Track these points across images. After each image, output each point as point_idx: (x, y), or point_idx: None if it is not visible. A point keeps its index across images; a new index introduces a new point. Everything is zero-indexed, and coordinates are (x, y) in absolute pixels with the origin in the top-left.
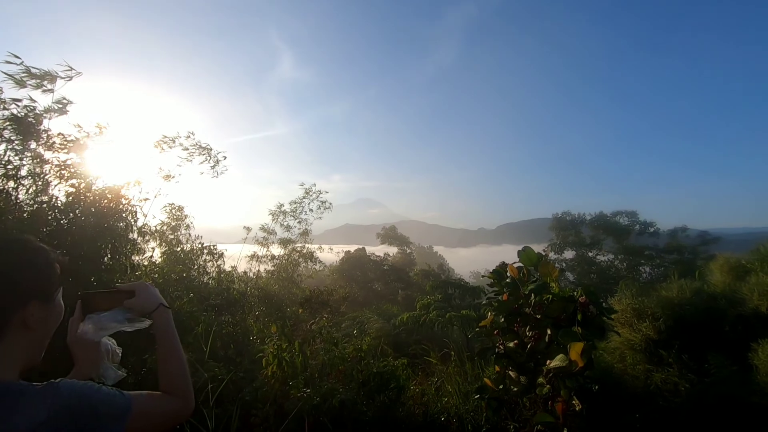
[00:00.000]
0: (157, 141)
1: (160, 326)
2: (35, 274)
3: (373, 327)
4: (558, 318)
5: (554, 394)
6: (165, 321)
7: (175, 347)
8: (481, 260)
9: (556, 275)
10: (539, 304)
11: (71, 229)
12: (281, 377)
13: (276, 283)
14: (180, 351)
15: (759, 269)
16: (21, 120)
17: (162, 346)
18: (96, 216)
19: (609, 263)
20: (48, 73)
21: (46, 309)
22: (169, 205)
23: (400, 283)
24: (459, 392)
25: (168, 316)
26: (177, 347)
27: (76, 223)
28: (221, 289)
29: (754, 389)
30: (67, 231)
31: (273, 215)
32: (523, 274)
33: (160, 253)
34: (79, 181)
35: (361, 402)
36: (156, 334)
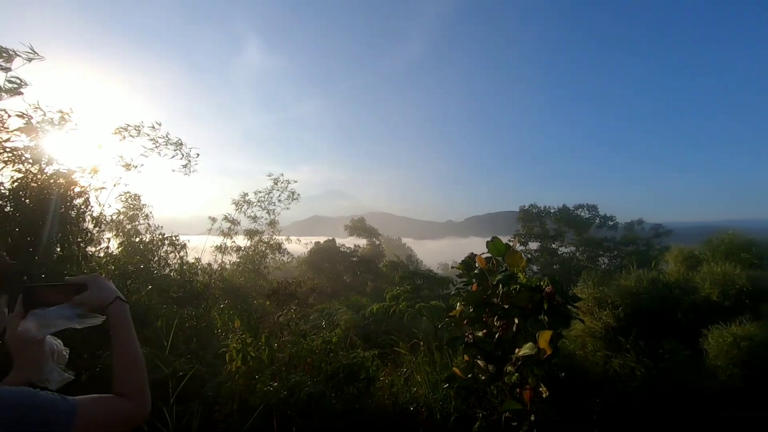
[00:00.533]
0: (117, 128)
1: (115, 322)
2: None
3: (342, 318)
4: (525, 307)
5: (522, 382)
6: (121, 316)
7: (131, 345)
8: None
9: (523, 265)
10: (507, 294)
11: (16, 217)
12: (246, 372)
13: (242, 275)
14: (137, 349)
15: (710, 259)
16: None
17: (117, 344)
18: (45, 203)
19: (570, 254)
20: (4, 49)
21: None
22: (125, 193)
23: (369, 274)
24: (428, 382)
25: (125, 310)
26: (134, 345)
27: (22, 210)
28: (183, 281)
29: (704, 373)
30: (12, 218)
31: (237, 205)
32: (492, 265)
33: (117, 243)
34: (28, 165)
35: (329, 394)
36: (111, 331)
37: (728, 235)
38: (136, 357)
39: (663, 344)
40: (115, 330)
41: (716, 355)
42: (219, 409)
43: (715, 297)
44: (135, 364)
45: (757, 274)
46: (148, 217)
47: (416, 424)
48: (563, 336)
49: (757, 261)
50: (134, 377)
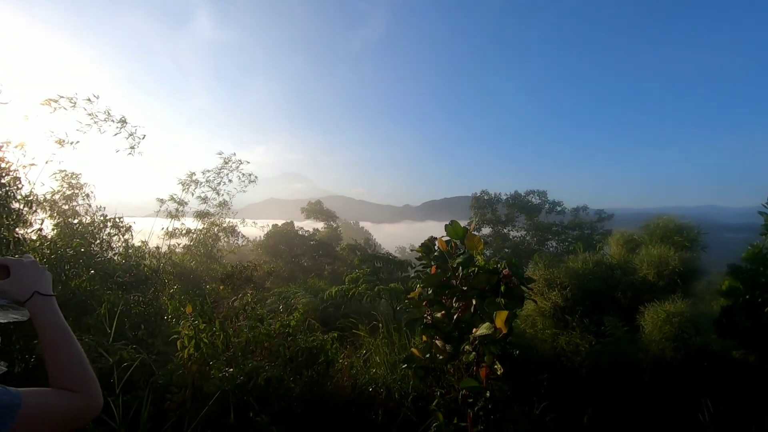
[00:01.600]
0: (47, 99)
1: (39, 318)
2: None
3: (300, 302)
4: (483, 289)
5: (479, 360)
6: (46, 312)
7: (66, 341)
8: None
9: (481, 248)
10: (466, 276)
11: None
12: (199, 359)
13: (193, 259)
14: (73, 344)
15: (647, 243)
16: None
17: (49, 342)
18: None
19: (521, 239)
20: None
21: None
22: (61, 171)
23: (327, 257)
24: (387, 363)
25: (48, 306)
26: (69, 340)
27: None
28: (129, 265)
29: (640, 347)
30: None
31: (183, 185)
32: (451, 248)
33: (53, 225)
34: None
35: (288, 378)
36: (37, 328)
37: (663, 220)
38: (75, 352)
39: (605, 321)
40: (41, 328)
41: (651, 330)
42: (171, 398)
43: (651, 277)
44: (75, 360)
45: (688, 256)
46: (89, 197)
47: (375, 405)
48: (517, 316)
49: (688, 244)
50: (78, 372)
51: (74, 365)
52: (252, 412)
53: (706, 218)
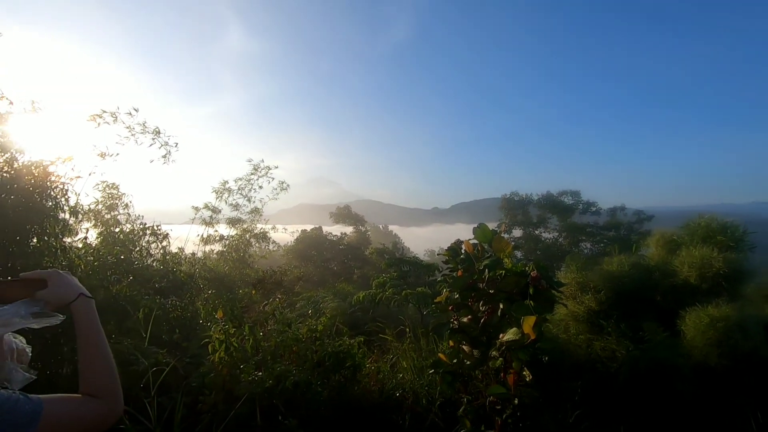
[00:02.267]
0: (93, 115)
1: (80, 320)
2: None
3: (329, 306)
4: (511, 292)
5: (506, 366)
6: (87, 314)
7: (99, 343)
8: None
9: (509, 251)
10: (493, 280)
11: None
12: (230, 362)
13: (226, 265)
14: (105, 347)
15: (689, 243)
16: None
17: (84, 343)
18: (19, 194)
19: (553, 240)
20: None
21: None
22: (103, 182)
23: (356, 261)
24: (414, 368)
25: (90, 307)
26: (102, 343)
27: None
28: (166, 271)
29: (681, 353)
30: None
31: (217, 193)
32: (478, 251)
33: (97, 234)
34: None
35: (315, 382)
36: (76, 329)
37: (705, 219)
38: (106, 355)
39: (643, 326)
40: (81, 328)
41: (693, 335)
42: (203, 400)
43: (693, 280)
44: (104, 363)
45: (732, 256)
46: (128, 207)
47: (402, 409)
48: (547, 320)
49: (733, 244)
50: (104, 377)
51: (104, 369)
52: (279, 416)
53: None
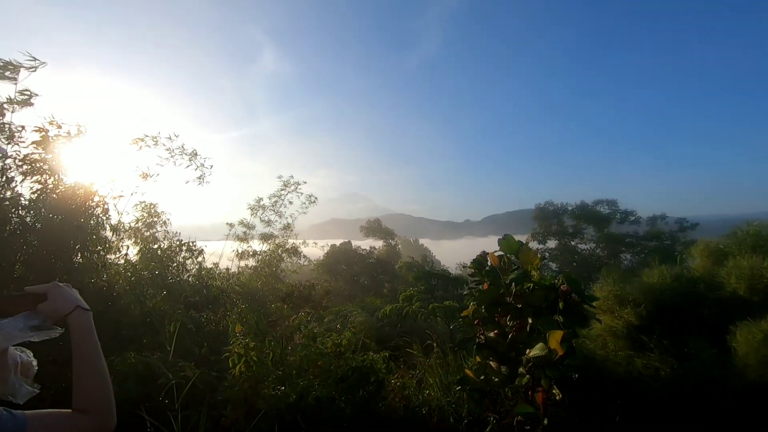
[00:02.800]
0: (135, 139)
1: (76, 332)
2: None
3: (356, 321)
4: (540, 306)
5: (534, 384)
6: (83, 326)
7: (94, 357)
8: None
9: (537, 263)
10: (520, 293)
11: (36, 227)
12: (251, 377)
13: (258, 279)
14: (101, 362)
15: (736, 253)
16: None
17: (79, 356)
18: (64, 213)
19: (590, 251)
20: (9, 63)
21: None
22: (142, 202)
23: (386, 275)
24: (441, 384)
25: (87, 319)
26: (95, 357)
27: (43, 220)
28: (200, 286)
29: (732, 371)
30: (33, 229)
31: (252, 209)
32: (504, 263)
33: (137, 251)
34: (46, 177)
35: (339, 398)
36: (72, 341)
37: (754, 227)
38: (101, 370)
39: (688, 342)
40: (76, 341)
41: (746, 353)
42: (226, 414)
43: (742, 292)
44: (97, 377)
45: None
46: (166, 224)
47: (428, 427)
48: (578, 335)
49: None
50: (97, 392)
51: (96, 384)
52: None
53: None
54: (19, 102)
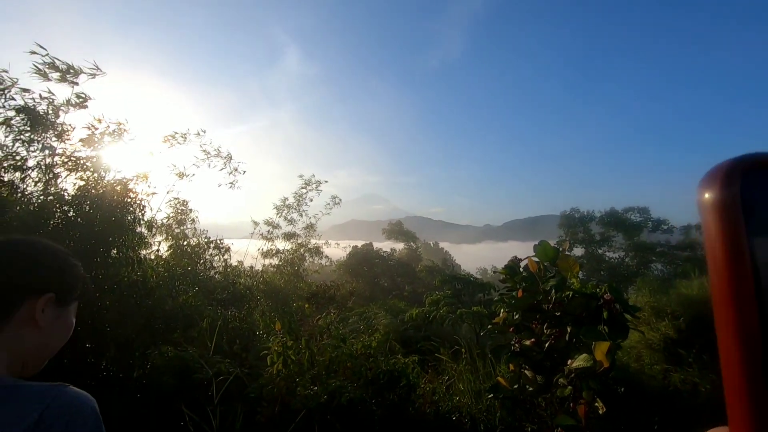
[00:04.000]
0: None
1: None
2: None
3: (381, 323)
4: (579, 315)
5: (576, 396)
6: None
7: None
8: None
9: (576, 271)
10: (559, 301)
11: (77, 222)
12: (287, 375)
13: (281, 278)
14: None
15: None
16: (31, 111)
17: None
18: (104, 209)
19: (619, 260)
20: (71, 67)
21: (57, 311)
22: (174, 199)
23: (407, 278)
24: (471, 391)
25: None
26: None
27: (83, 216)
28: (227, 283)
29: None
30: (75, 224)
31: (278, 209)
32: (540, 269)
33: (167, 247)
34: (89, 174)
35: (370, 400)
36: None
37: None
38: None
39: None
40: None
41: None
42: (261, 411)
43: None
44: None
45: None
46: (195, 222)
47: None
48: (621, 347)
49: None
50: None
51: None
52: None
53: None
54: (74, 104)
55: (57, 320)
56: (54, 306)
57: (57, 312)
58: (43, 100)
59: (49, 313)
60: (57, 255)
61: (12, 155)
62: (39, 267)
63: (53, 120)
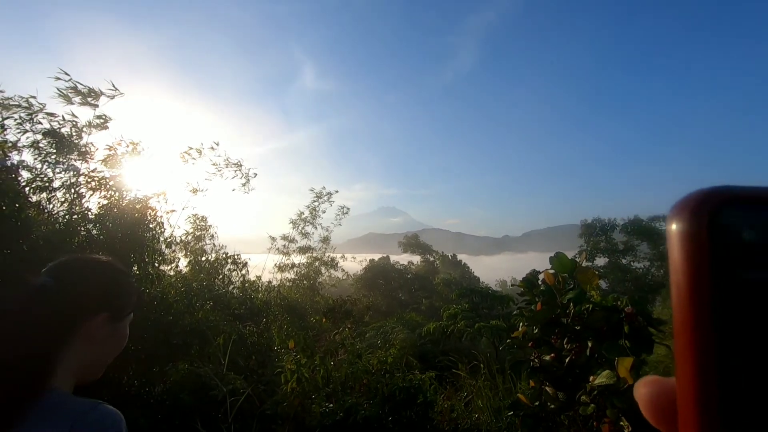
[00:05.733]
0: (182, 153)
1: None
2: (113, 288)
3: (398, 338)
4: (600, 329)
5: (600, 414)
6: None
7: None
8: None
9: (596, 283)
10: (578, 314)
11: (100, 240)
12: (301, 393)
13: (297, 292)
14: None
15: None
16: (57, 133)
17: None
18: (124, 227)
19: (644, 270)
20: (93, 90)
21: (112, 326)
22: (193, 216)
23: (424, 291)
24: (490, 408)
25: None
26: None
27: (106, 233)
28: (244, 298)
29: None
30: (98, 241)
31: (294, 223)
32: (558, 282)
33: (186, 262)
34: (112, 192)
35: (386, 417)
36: None
37: None
38: None
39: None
40: None
41: None
42: (276, 429)
43: None
44: None
45: None
46: (213, 237)
47: None
48: (646, 363)
49: None
50: None
51: None
52: None
53: None
54: (96, 126)
55: (113, 335)
56: (109, 322)
57: (112, 327)
58: (67, 122)
59: (106, 329)
60: (111, 273)
61: (39, 177)
62: (95, 288)
63: (77, 141)
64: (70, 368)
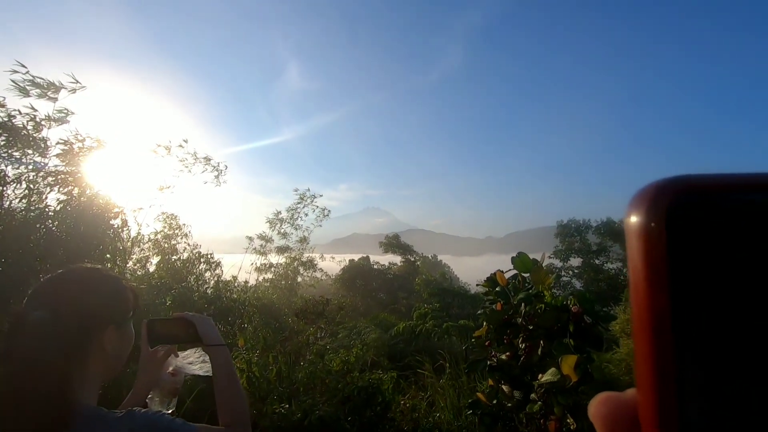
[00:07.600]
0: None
1: (222, 363)
2: (111, 300)
3: (370, 337)
4: (551, 328)
5: (547, 412)
6: (227, 358)
7: (238, 383)
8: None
9: (549, 282)
10: (531, 314)
11: (62, 238)
12: (253, 393)
13: (275, 292)
14: (240, 386)
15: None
16: (8, 127)
17: (225, 383)
18: (87, 224)
19: (617, 270)
20: (52, 83)
21: (119, 333)
22: (164, 214)
23: (404, 291)
24: (452, 407)
25: (228, 353)
26: (238, 383)
27: (67, 231)
28: (213, 297)
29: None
30: (57, 238)
31: (270, 223)
32: (518, 282)
33: (156, 262)
34: (72, 188)
35: (344, 418)
36: (216, 370)
37: None
38: (243, 394)
39: None
40: (222, 371)
41: None
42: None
43: None
44: (241, 398)
45: None
46: (187, 237)
47: None
48: (594, 360)
49: None
50: (241, 408)
51: (241, 403)
52: None
53: None
54: (56, 120)
55: (122, 339)
56: (116, 330)
57: (119, 334)
58: (24, 115)
59: (114, 339)
60: (106, 287)
61: None
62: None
63: (35, 135)
64: (91, 381)
